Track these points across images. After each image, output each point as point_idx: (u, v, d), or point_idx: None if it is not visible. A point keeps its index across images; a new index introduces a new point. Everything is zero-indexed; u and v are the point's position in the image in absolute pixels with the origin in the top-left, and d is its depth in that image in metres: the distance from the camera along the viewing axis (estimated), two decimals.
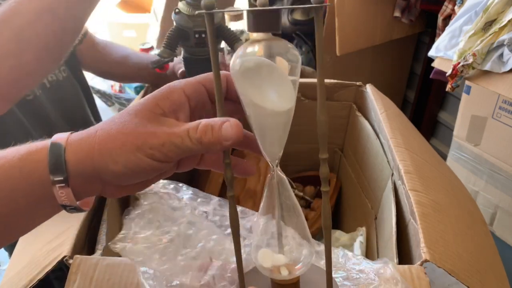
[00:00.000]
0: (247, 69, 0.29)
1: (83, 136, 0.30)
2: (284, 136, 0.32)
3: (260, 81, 0.30)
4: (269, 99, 0.30)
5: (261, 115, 0.31)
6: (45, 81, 0.76)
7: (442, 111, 1.55)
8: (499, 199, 1.10)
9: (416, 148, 0.63)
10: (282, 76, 0.30)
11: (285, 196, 0.35)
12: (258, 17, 0.29)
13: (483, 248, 0.52)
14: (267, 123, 0.31)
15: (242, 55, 0.29)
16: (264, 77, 0.30)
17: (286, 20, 1.45)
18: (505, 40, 0.78)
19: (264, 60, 0.29)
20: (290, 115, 0.31)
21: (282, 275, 0.34)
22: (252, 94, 0.30)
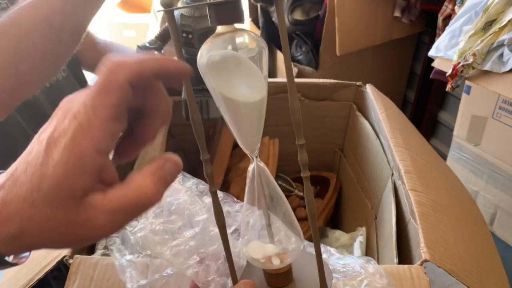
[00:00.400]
0: (213, 63, 0.29)
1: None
2: (260, 126, 0.32)
3: (228, 74, 0.29)
4: (239, 91, 0.29)
5: (233, 107, 0.30)
6: None
7: (442, 111, 1.55)
8: (499, 199, 1.10)
9: (416, 148, 0.63)
10: (251, 67, 0.29)
11: (268, 187, 0.35)
12: (220, 9, 0.28)
13: (483, 248, 0.52)
14: (241, 115, 0.31)
15: (207, 50, 0.29)
16: (231, 69, 0.29)
17: (286, 20, 1.45)
18: (505, 40, 0.78)
19: (229, 53, 0.29)
20: (262, 106, 0.31)
21: (274, 265, 0.34)
22: (221, 87, 0.29)
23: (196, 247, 0.36)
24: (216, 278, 0.35)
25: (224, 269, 0.36)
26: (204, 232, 0.37)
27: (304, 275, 0.36)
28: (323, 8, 1.33)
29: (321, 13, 1.35)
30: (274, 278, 0.35)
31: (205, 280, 0.35)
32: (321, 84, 0.84)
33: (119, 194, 0.24)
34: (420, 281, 0.40)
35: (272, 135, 0.85)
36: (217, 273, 0.36)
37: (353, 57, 1.38)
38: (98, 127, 0.23)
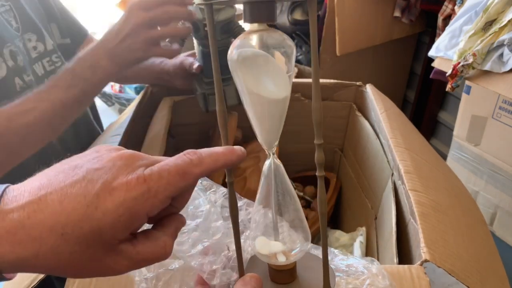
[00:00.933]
0: (244, 58, 0.30)
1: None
2: (280, 124, 0.33)
3: (257, 70, 0.31)
4: (266, 88, 0.31)
5: (258, 103, 0.32)
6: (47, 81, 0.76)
7: (442, 111, 1.55)
8: (499, 199, 1.10)
9: (416, 148, 0.63)
10: (277, 66, 0.31)
11: (282, 183, 0.35)
12: (254, 8, 0.30)
13: (483, 248, 0.52)
14: (264, 111, 0.32)
15: (239, 46, 0.31)
16: (260, 66, 0.31)
17: (286, 20, 1.45)
18: (505, 40, 0.78)
19: (259, 51, 0.30)
20: (285, 104, 0.32)
21: (279, 261, 0.35)
22: (249, 82, 0.31)
23: (199, 238, 0.37)
24: (220, 269, 0.36)
25: (227, 261, 0.37)
26: (207, 223, 0.38)
27: (308, 274, 0.37)
28: (323, 8, 1.33)
29: (321, 13, 1.35)
30: (278, 274, 0.36)
31: (211, 270, 0.36)
32: (321, 84, 0.84)
33: (147, 249, 0.26)
34: (420, 281, 0.40)
35: None
36: (221, 264, 0.36)
37: (353, 57, 1.38)
38: (160, 199, 0.25)
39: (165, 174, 0.25)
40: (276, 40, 0.31)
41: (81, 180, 0.24)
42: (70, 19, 0.86)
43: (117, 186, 0.24)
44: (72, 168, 0.25)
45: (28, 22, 0.73)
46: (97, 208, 0.23)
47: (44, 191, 0.23)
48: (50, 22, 0.79)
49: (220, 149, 0.28)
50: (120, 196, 0.24)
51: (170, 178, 0.25)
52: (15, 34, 0.70)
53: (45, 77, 0.75)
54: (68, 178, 0.24)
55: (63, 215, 0.23)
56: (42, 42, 0.74)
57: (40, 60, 0.74)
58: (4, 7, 0.69)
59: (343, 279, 0.38)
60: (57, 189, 0.23)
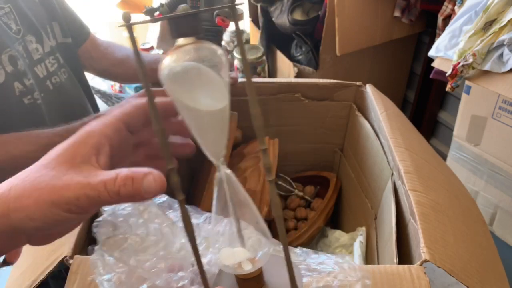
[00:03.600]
0: (175, 74, 0.30)
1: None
2: (223, 134, 0.33)
3: (190, 84, 0.30)
4: (201, 100, 0.30)
5: (196, 116, 0.31)
6: (49, 83, 0.76)
7: (442, 111, 1.55)
8: (499, 199, 1.10)
9: (416, 148, 0.63)
10: (212, 77, 0.31)
11: (235, 192, 0.35)
12: (178, 23, 0.29)
13: (483, 248, 0.52)
14: (204, 123, 0.32)
15: (168, 62, 0.30)
16: (193, 80, 0.30)
17: (286, 20, 1.45)
18: (505, 40, 0.78)
19: (190, 64, 0.30)
20: (224, 114, 0.32)
21: (246, 270, 0.34)
22: (183, 97, 0.30)
23: (165, 257, 0.37)
24: (189, 285, 0.36)
25: (195, 277, 0.37)
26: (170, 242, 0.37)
27: (275, 277, 0.37)
28: (323, 8, 1.33)
29: (321, 13, 1.35)
30: (246, 282, 0.36)
31: (178, 287, 0.35)
32: (321, 84, 0.84)
33: (99, 176, 0.28)
34: (420, 281, 0.40)
35: (272, 135, 0.85)
36: (188, 280, 0.36)
37: (353, 57, 1.38)
38: (110, 123, 0.32)
39: (112, 113, 0.33)
40: (206, 51, 0.30)
41: None
42: (73, 17, 0.86)
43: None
44: None
45: (28, 24, 0.73)
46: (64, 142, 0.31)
47: None
48: (51, 20, 0.79)
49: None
50: (81, 130, 0.31)
51: (114, 113, 0.33)
52: (15, 37, 0.70)
53: (47, 79, 0.75)
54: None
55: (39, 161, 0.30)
56: (40, 44, 0.74)
57: (43, 61, 0.74)
58: (4, 10, 0.69)
59: (314, 278, 0.38)
60: None
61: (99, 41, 0.91)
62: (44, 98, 0.74)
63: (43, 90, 0.74)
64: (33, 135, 0.63)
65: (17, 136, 0.63)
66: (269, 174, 0.32)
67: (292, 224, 0.87)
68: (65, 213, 0.28)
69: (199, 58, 0.30)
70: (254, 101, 0.31)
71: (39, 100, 0.72)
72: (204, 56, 0.30)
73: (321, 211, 0.82)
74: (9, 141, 0.62)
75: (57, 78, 0.77)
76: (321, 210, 0.82)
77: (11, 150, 0.61)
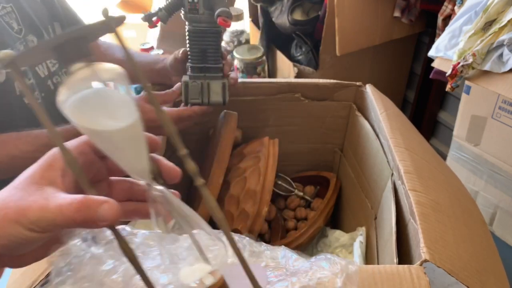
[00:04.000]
0: (74, 104, 0.28)
1: None
2: (141, 150, 0.32)
3: (92, 111, 0.29)
4: (105, 122, 0.29)
5: (105, 138, 0.30)
6: (50, 83, 0.76)
7: (442, 111, 1.55)
8: (499, 199, 1.10)
9: (416, 148, 0.63)
10: (114, 96, 0.29)
11: (175, 209, 0.33)
12: (63, 50, 0.28)
13: (483, 248, 0.52)
14: (115, 144, 0.30)
15: (64, 93, 0.28)
16: (95, 103, 0.29)
17: (286, 20, 1.45)
18: (505, 40, 0.78)
19: (85, 92, 0.28)
20: (135, 130, 0.31)
21: (207, 284, 0.33)
22: (89, 123, 0.29)
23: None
24: None
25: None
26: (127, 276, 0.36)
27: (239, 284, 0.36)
28: (323, 8, 1.33)
29: (321, 13, 1.35)
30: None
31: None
32: (321, 84, 0.84)
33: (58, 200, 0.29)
34: (419, 281, 0.40)
35: (272, 135, 0.85)
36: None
37: (353, 57, 1.38)
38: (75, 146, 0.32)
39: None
40: (102, 71, 0.29)
41: None
42: (74, 18, 0.86)
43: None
44: None
45: (29, 24, 0.73)
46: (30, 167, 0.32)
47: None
48: (53, 21, 0.79)
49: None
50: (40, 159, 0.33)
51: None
52: (17, 37, 0.70)
53: (48, 78, 0.75)
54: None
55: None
56: None
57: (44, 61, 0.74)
58: (5, 9, 0.69)
59: (287, 281, 0.37)
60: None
61: (99, 42, 0.91)
62: (45, 98, 0.74)
63: (44, 89, 0.74)
64: (32, 135, 0.63)
65: (16, 136, 0.63)
66: (196, 178, 0.31)
67: (292, 224, 0.88)
68: (28, 232, 0.28)
69: (94, 81, 0.29)
70: (159, 109, 0.30)
71: (39, 100, 0.72)
72: (102, 75, 0.29)
73: (321, 211, 0.82)
74: (8, 141, 0.62)
75: (58, 78, 0.77)
76: (321, 210, 0.82)
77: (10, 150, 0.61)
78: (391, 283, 0.40)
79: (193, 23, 0.71)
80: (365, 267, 0.42)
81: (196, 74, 0.74)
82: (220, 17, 0.66)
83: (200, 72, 0.74)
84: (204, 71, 0.74)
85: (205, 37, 0.72)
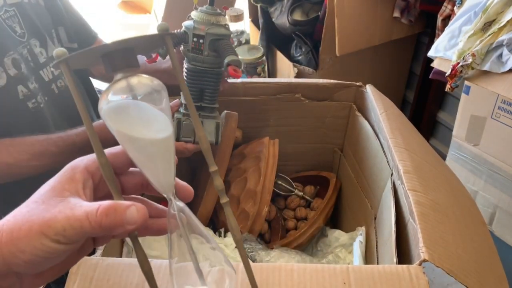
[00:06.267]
0: (114, 109, 0.30)
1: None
2: (169, 165, 0.33)
3: (128, 119, 0.30)
4: (144, 131, 0.30)
5: (139, 147, 0.31)
6: (54, 87, 0.76)
7: (442, 111, 1.55)
8: (498, 199, 1.10)
9: (416, 148, 0.63)
10: (151, 109, 0.30)
11: (190, 224, 0.34)
12: (112, 58, 0.29)
13: (482, 248, 0.52)
14: (148, 154, 0.31)
15: (106, 98, 0.30)
16: (131, 114, 0.30)
17: (286, 21, 1.45)
18: (504, 40, 0.79)
19: (128, 101, 0.30)
20: (168, 144, 0.32)
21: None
22: (126, 129, 0.30)
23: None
24: None
25: None
26: None
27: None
28: (322, 9, 1.33)
29: (321, 13, 1.35)
30: None
31: None
32: (321, 84, 0.84)
33: (83, 207, 0.29)
34: (418, 280, 0.40)
35: (272, 135, 0.85)
36: None
37: (353, 57, 1.39)
38: (94, 160, 0.32)
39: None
40: (144, 83, 0.30)
41: None
42: (79, 22, 0.86)
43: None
44: None
45: (32, 27, 0.72)
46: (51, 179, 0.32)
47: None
48: (57, 25, 0.79)
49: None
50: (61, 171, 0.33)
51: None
52: (19, 40, 0.70)
53: (52, 82, 0.75)
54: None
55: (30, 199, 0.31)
56: (44, 48, 0.74)
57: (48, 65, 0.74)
58: (8, 13, 0.69)
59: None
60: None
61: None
62: (48, 102, 0.74)
63: (48, 93, 0.74)
64: (27, 143, 0.63)
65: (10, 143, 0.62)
66: (223, 196, 0.32)
67: (292, 224, 0.88)
68: (53, 244, 0.28)
69: (138, 90, 0.30)
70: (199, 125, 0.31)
71: (42, 104, 0.72)
72: (143, 87, 0.30)
73: (321, 211, 0.82)
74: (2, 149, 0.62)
75: (62, 82, 0.77)
76: (321, 210, 0.82)
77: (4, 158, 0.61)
78: (390, 282, 0.40)
79: (194, 62, 0.68)
80: (364, 267, 0.42)
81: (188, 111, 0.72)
82: (231, 67, 0.63)
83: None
84: (199, 109, 0.72)
85: (205, 77, 0.69)
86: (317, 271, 0.42)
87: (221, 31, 0.66)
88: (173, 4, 1.63)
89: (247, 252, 0.71)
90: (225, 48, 0.65)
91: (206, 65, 0.68)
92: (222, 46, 0.65)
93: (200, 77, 0.69)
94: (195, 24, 0.66)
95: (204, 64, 0.68)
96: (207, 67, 0.68)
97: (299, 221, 0.89)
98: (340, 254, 0.72)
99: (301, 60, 1.47)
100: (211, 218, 0.80)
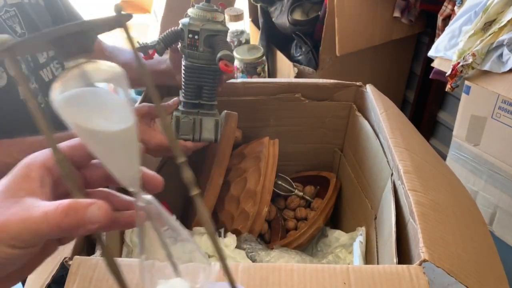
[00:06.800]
0: (68, 100, 0.27)
1: None
2: (134, 157, 0.30)
3: (85, 109, 0.27)
4: (103, 122, 0.28)
5: (102, 140, 0.28)
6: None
7: (442, 111, 1.55)
8: (499, 199, 1.10)
9: (416, 148, 0.63)
10: (107, 98, 0.28)
11: (161, 222, 0.32)
12: (62, 43, 0.26)
13: (482, 248, 0.52)
14: (108, 147, 0.29)
15: (59, 88, 0.27)
16: (90, 103, 0.28)
17: (286, 21, 1.45)
18: (504, 40, 0.79)
19: (84, 89, 0.27)
20: (129, 135, 0.29)
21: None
22: (82, 122, 0.27)
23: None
24: None
25: None
26: None
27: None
28: (322, 9, 1.33)
29: (321, 13, 1.35)
30: None
31: None
32: (321, 84, 0.84)
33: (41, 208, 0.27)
34: (418, 280, 0.40)
35: (272, 135, 0.85)
36: None
37: (353, 57, 1.38)
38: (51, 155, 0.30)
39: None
40: (102, 69, 0.28)
41: None
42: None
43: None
44: None
45: (32, 28, 0.72)
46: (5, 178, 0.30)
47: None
48: (57, 25, 0.79)
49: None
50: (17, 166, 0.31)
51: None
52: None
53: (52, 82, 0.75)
54: None
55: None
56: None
57: (48, 65, 0.74)
58: (9, 13, 0.69)
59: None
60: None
61: (104, 45, 0.91)
62: (48, 102, 0.74)
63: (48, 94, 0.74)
64: (26, 142, 0.62)
65: (10, 143, 0.62)
66: (193, 188, 0.30)
67: (292, 224, 0.88)
68: (9, 249, 0.26)
69: (95, 78, 0.27)
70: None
71: (43, 104, 0.72)
72: (100, 74, 0.28)
73: (321, 211, 0.82)
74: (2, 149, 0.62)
75: None
76: (321, 210, 0.82)
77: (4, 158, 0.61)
78: (390, 282, 0.40)
79: (190, 58, 0.68)
80: (364, 267, 0.42)
81: (189, 110, 0.72)
82: (222, 61, 0.62)
83: (193, 108, 0.72)
84: (198, 107, 0.72)
85: (202, 74, 0.69)
86: (317, 271, 0.42)
87: (216, 27, 0.66)
88: (173, 3, 1.63)
89: (247, 252, 0.71)
90: (218, 44, 0.65)
91: (202, 62, 0.68)
92: (216, 42, 0.65)
93: (197, 74, 0.69)
94: (191, 21, 0.66)
95: (200, 61, 0.68)
96: (203, 64, 0.68)
97: (299, 221, 0.89)
98: (340, 254, 0.72)
99: (301, 60, 1.47)
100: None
